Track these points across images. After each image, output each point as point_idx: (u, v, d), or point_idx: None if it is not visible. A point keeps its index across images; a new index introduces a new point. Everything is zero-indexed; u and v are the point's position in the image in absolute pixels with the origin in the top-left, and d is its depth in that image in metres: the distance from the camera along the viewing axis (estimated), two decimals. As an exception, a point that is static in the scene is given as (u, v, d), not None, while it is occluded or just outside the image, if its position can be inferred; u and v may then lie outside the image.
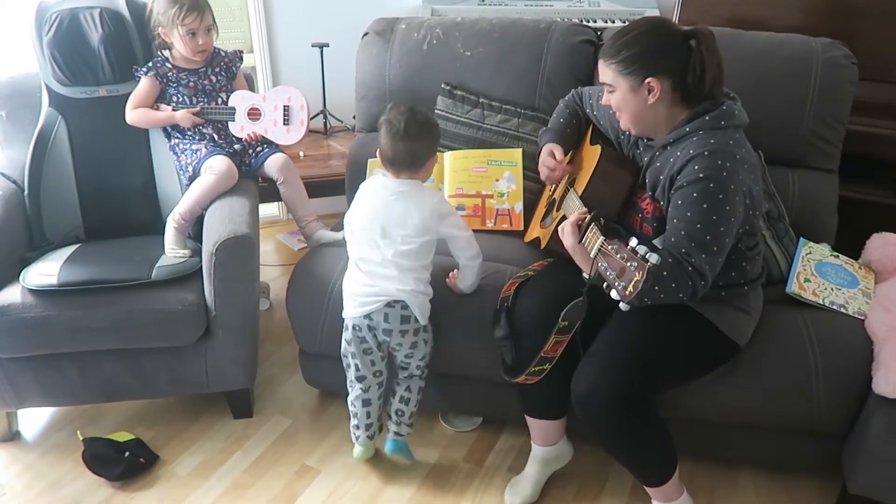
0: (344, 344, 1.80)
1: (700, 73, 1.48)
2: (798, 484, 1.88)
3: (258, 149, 2.19)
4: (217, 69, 2.17)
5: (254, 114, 2.15)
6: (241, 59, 2.24)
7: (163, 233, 1.99)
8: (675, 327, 1.60)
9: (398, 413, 1.86)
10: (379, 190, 1.76)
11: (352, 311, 1.76)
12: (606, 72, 1.55)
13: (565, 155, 1.84)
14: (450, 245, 1.80)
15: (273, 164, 2.15)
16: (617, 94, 1.56)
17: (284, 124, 2.16)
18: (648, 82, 1.50)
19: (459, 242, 1.78)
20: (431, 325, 1.80)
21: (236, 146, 2.17)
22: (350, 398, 1.85)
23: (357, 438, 1.88)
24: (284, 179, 2.16)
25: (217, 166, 2.03)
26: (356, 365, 1.80)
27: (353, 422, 1.87)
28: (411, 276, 1.73)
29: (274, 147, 2.21)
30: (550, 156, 1.82)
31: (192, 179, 2.07)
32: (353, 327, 1.76)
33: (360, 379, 1.82)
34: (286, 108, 2.16)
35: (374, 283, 1.72)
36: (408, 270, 1.72)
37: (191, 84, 2.12)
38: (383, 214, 1.73)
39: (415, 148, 1.72)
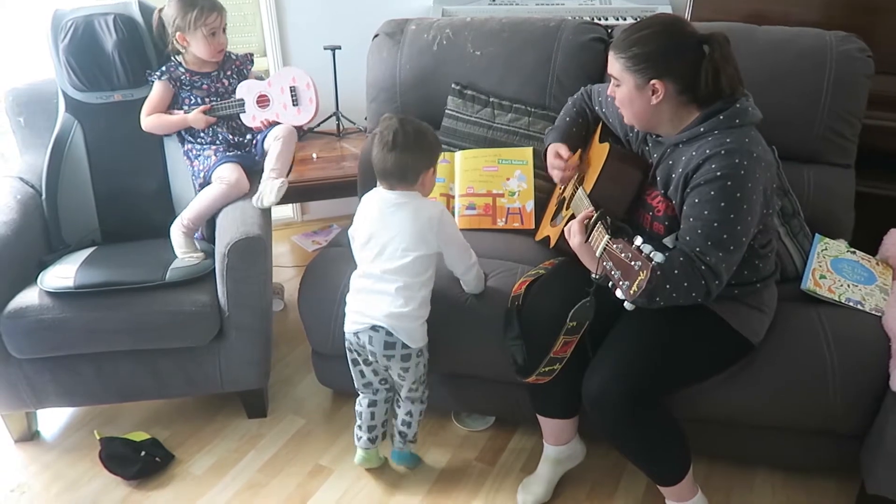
0: (348, 354, 1.80)
1: (712, 79, 1.47)
2: (816, 484, 1.86)
3: (256, 139, 2.17)
4: (229, 72, 2.18)
5: (262, 101, 2.16)
6: (252, 61, 2.25)
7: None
8: (688, 325, 1.58)
9: (401, 434, 1.87)
10: (377, 204, 1.73)
11: (346, 326, 1.75)
12: (615, 65, 1.54)
13: (572, 152, 1.83)
14: (445, 257, 1.75)
15: (274, 133, 2.11)
16: (622, 89, 1.55)
17: (294, 105, 2.16)
18: (654, 84, 1.49)
19: (451, 251, 1.74)
20: (427, 349, 1.76)
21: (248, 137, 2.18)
22: (357, 400, 1.86)
23: (358, 440, 1.87)
24: (282, 138, 2.10)
25: (227, 176, 2.05)
26: (360, 372, 1.81)
27: (357, 422, 1.87)
28: (406, 294, 1.67)
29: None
30: (556, 156, 1.81)
31: (202, 186, 2.09)
32: (348, 341, 1.76)
33: (365, 385, 1.83)
34: (293, 90, 2.16)
35: (365, 302, 1.70)
36: (403, 288, 1.67)
37: (204, 87, 2.15)
38: (380, 227, 1.70)
39: (404, 160, 1.67)
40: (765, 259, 1.62)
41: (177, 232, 1.99)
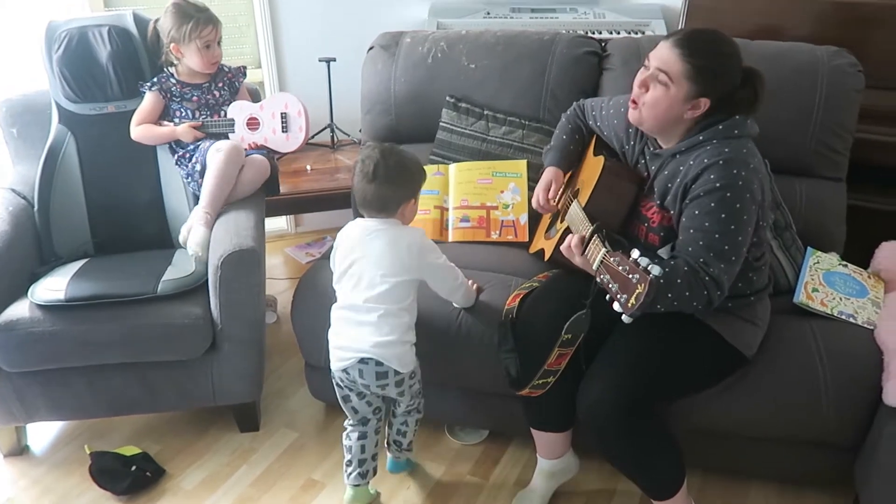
0: (336, 390, 1.76)
1: (747, 109, 1.51)
2: (810, 497, 1.85)
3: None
4: (220, 84, 2.19)
5: (252, 123, 2.17)
6: (245, 74, 2.26)
7: (174, 250, 1.99)
8: (681, 338, 1.58)
9: (397, 443, 1.84)
10: (356, 232, 1.70)
11: (333, 364, 1.70)
12: (677, 64, 1.46)
13: (567, 171, 1.85)
14: (429, 282, 1.72)
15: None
16: (664, 91, 1.49)
17: (283, 132, 2.18)
18: (702, 99, 1.49)
19: (435, 276, 1.71)
20: (419, 368, 1.74)
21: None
22: (345, 433, 1.78)
23: (348, 477, 1.78)
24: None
25: (222, 146, 2.02)
26: (353, 408, 1.75)
27: (346, 458, 1.78)
28: (389, 322, 1.63)
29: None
30: (546, 190, 1.80)
31: (202, 175, 2.05)
32: (338, 379, 1.72)
33: (360, 421, 1.77)
34: (283, 116, 2.17)
35: (350, 335, 1.65)
36: (386, 316, 1.62)
37: (194, 98, 2.15)
38: (359, 254, 1.66)
39: (383, 192, 1.63)
40: (758, 272, 1.62)
41: (199, 227, 1.93)
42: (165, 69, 2.15)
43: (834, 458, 1.73)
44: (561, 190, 1.84)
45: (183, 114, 2.15)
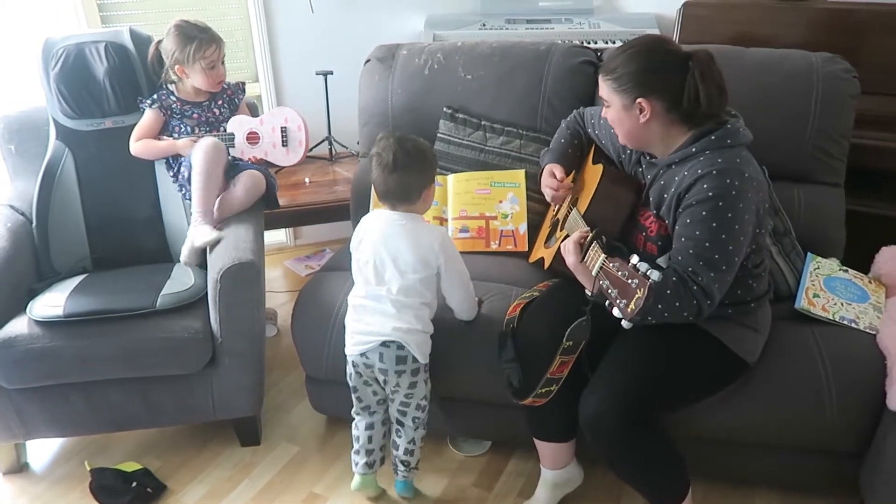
0: (348, 376, 1.79)
1: (694, 96, 1.48)
2: (815, 504, 1.84)
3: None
4: (220, 102, 2.19)
5: (252, 138, 2.17)
6: (244, 90, 2.27)
7: (173, 264, 2.00)
8: (683, 346, 1.58)
9: (404, 463, 1.83)
10: (379, 225, 1.71)
11: (350, 349, 1.74)
12: (603, 87, 1.57)
13: (567, 174, 1.84)
14: (442, 281, 1.73)
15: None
16: (612, 111, 1.57)
17: (283, 146, 2.18)
18: (639, 102, 1.50)
19: (452, 274, 1.71)
20: (428, 365, 1.76)
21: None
22: (353, 424, 1.84)
23: (356, 465, 1.83)
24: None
25: (200, 144, 2.02)
26: (359, 397, 1.79)
27: (354, 447, 1.84)
28: (410, 313, 1.68)
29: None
30: (551, 176, 1.82)
31: (189, 180, 2.05)
32: (353, 363, 1.75)
33: (365, 409, 1.81)
34: (283, 130, 2.18)
35: (371, 321, 1.69)
36: (407, 307, 1.68)
37: (194, 116, 2.15)
38: (384, 249, 1.68)
39: (406, 180, 1.66)
40: (758, 279, 1.62)
41: (196, 227, 1.96)
42: (165, 86, 2.15)
43: (838, 465, 1.72)
44: (570, 176, 1.83)
45: (182, 130, 2.15)
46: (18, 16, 2.57)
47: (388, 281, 1.68)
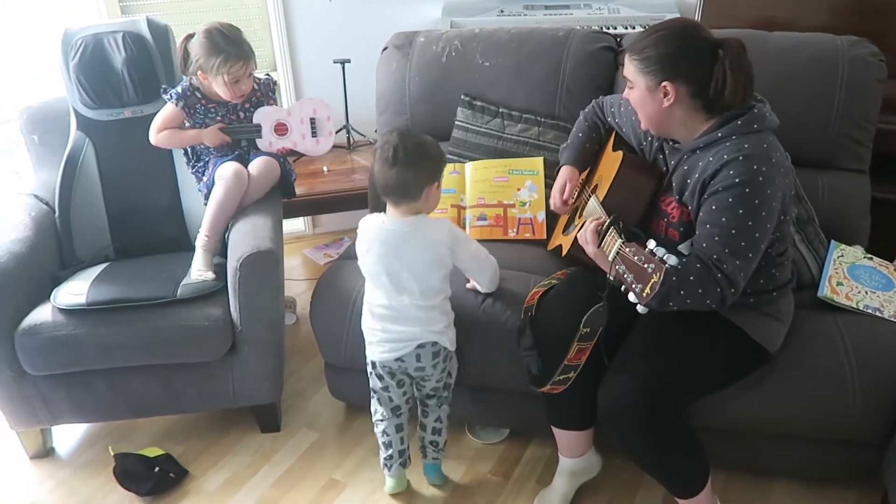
0: (374, 381, 1.78)
1: (722, 85, 1.46)
2: (836, 495, 1.82)
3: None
4: (247, 105, 2.15)
5: (280, 129, 2.16)
6: (274, 91, 2.21)
7: (192, 253, 2.00)
8: (704, 334, 1.56)
9: (433, 444, 1.84)
10: (384, 234, 1.67)
11: (379, 356, 1.72)
12: (629, 67, 1.55)
13: (583, 171, 1.84)
14: (465, 270, 1.78)
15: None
16: (635, 92, 1.55)
17: (313, 136, 2.18)
18: (664, 86, 1.48)
19: (471, 263, 1.76)
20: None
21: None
22: (380, 429, 1.80)
23: (390, 469, 1.82)
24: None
25: (223, 173, 2.03)
26: (389, 397, 1.78)
27: (387, 452, 1.81)
28: (437, 312, 1.71)
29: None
30: (561, 192, 1.84)
31: (208, 197, 2.06)
32: (382, 366, 1.74)
33: (393, 410, 1.79)
34: (313, 121, 2.17)
35: (401, 329, 1.69)
36: (434, 308, 1.70)
37: (218, 118, 2.12)
38: (395, 262, 1.65)
39: (405, 176, 1.60)
40: (781, 267, 1.60)
41: (198, 249, 1.99)
42: (191, 80, 2.10)
43: (861, 455, 1.70)
44: (577, 190, 1.83)
45: (204, 126, 2.12)
46: (40, 7, 2.60)
47: (408, 288, 1.67)
